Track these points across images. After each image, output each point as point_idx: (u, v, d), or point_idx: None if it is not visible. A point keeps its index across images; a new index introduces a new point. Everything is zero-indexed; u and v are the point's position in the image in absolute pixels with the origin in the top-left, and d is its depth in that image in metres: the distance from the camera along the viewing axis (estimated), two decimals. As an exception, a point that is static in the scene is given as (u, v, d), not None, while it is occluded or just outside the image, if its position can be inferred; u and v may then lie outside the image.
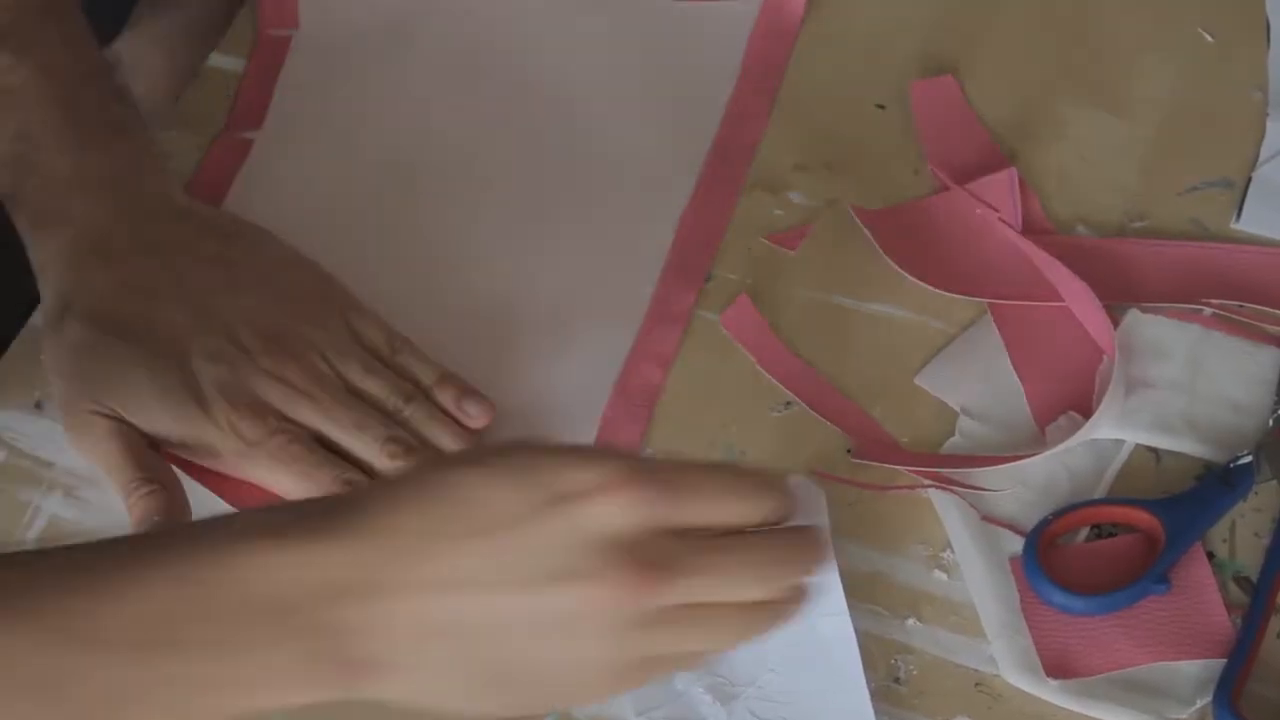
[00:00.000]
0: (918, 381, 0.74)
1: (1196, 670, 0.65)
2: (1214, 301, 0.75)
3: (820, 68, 0.85)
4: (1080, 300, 0.74)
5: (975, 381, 0.74)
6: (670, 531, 0.51)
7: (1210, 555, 0.68)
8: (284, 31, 0.85)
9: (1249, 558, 0.69)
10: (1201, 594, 0.67)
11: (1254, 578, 0.68)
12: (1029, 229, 0.77)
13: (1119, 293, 0.75)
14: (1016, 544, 0.68)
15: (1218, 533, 0.69)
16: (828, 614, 0.64)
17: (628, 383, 0.74)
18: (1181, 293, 0.75)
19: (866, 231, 0.77)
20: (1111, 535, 0.70)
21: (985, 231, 0.78)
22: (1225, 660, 0.65)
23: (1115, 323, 0.74)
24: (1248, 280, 0.76)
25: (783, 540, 0.55)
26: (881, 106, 0.84)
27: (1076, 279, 0.73)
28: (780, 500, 0.54)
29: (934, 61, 0.85)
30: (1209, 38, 0.86)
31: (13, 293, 0.82)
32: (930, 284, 0.76)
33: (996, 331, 0.75)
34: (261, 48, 0.85)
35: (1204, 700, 0.64)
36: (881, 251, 0.77)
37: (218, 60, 0.85)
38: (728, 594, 0.53)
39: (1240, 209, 0.79)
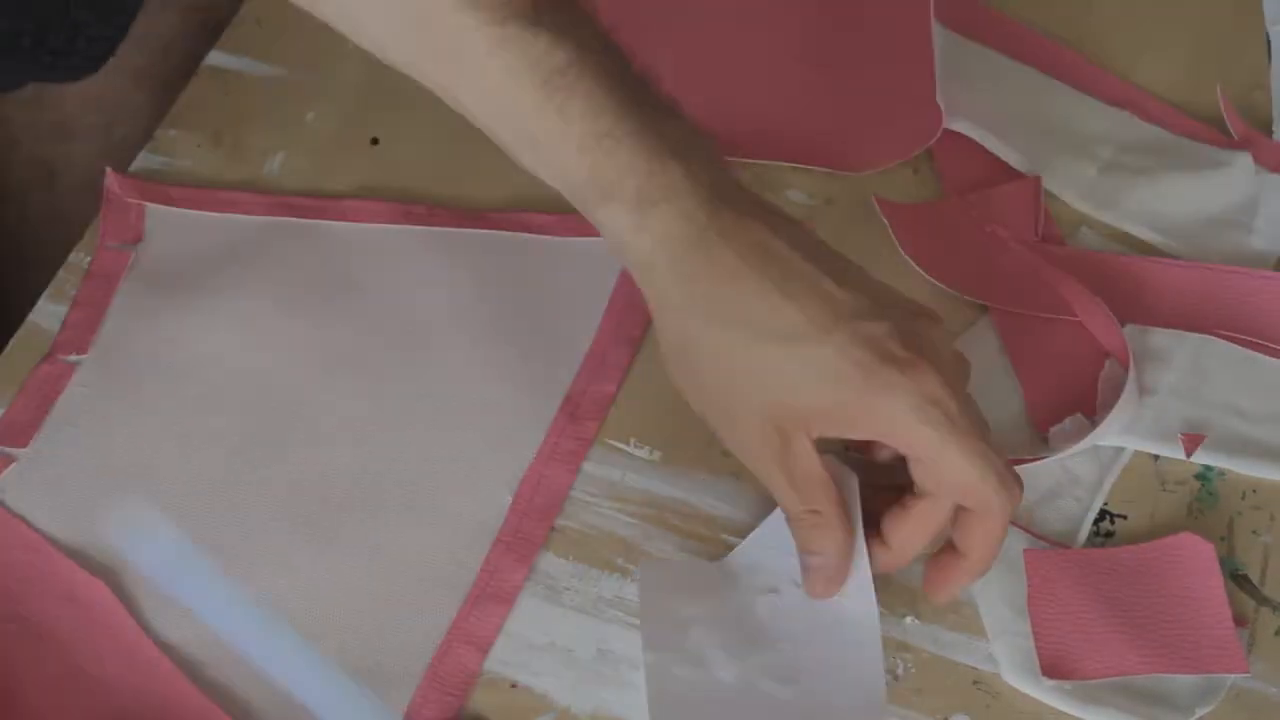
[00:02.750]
0: (917, 380, 0.74)
1: (1196, 680, 0.65)
2: (1223, 332, 0.74)
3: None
4: (1093, 314, 0.74)
5: (975, 381, 0.74)
6: None
7: (1220, 562, 0.68)
8: (125, 246, 0.79)
9: (1248, 555, 0.69)
10: (1210, 608, 0.66)
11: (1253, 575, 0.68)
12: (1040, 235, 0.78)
13: (1129, 313, 0.75)
14: (1022, 541, 0.68)
15: (1215, 530, 0.69)
16: (853, 592, 0.64)
17: (440, 667, 0.67)
18: (1193, 318, 0.75)
19: (886, 224, 0.77)
20: (1110, 535, 0.70)
21: (1001, 240, 0.78)
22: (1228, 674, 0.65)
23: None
24: (1262, 310, 0.75)
25: None
26: (881, 106, 0.84)
27: (1090, 294, 0.73)
28: None
29: (934, 61, 0.85)
30: (1209, 37, 0.86)
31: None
32: (944, 283, 0.76)
33: (996, 332, 0.75)
34: (100, 262, 0.79)
35: (1203, 710, 0.64)
36: (897, 245, 0.77)
37: (217, 59, 0.86)
38: None
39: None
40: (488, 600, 0.68)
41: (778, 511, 0.67)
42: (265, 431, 0.73)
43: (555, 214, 0.79)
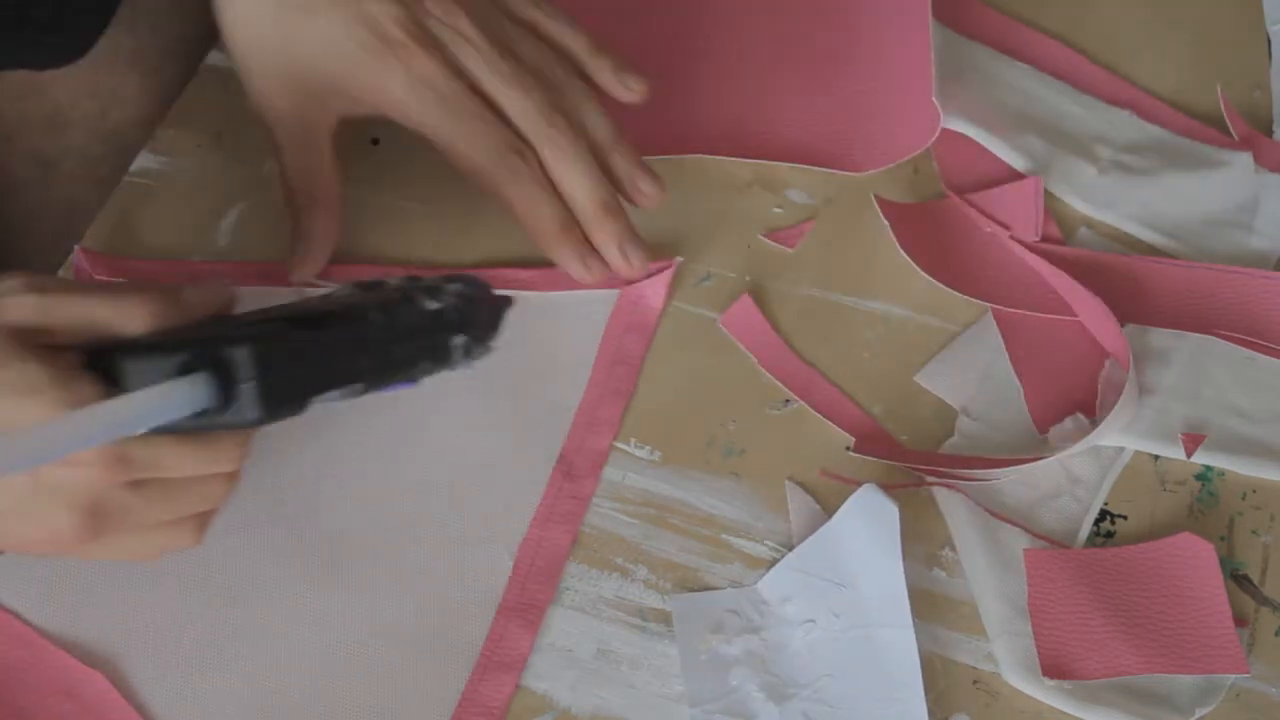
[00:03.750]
0: (918, 380, 0.74)
1: (1196, 680, 0.65)
2: (1223, 332, 0.74)
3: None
4: (1093, 314, 0.74)
5: (975, 381, 0.74)
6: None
7: (1221, 562, 0.68)
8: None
9: (1248, 555, 0.69)
10: (1210, 608, 0.66)
11: (1253, 575, 0.68)
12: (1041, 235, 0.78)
13: (1129, 313, 0.75)
14: (1022, 541, 0.68)
15: (1215, 530, 0.69)
16: (892, 625, 0.64)
17: None
18: (1193, 318, 0.75)
19: (886, 223, 0.77)
20: (1110, 535, 0.70)
21: (1001, 239, 0.78)
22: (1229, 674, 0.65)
23: (1116, 334, 0.74)
24: (1262, 310, 0.76)
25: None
26: (881, 106, 0.84)
27: (1090, 294, 0.73)
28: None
29: (934, 61, 0.85)
30: (1209, 37, 0.86)
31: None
32: (944, 283, 0.76)
33: (997, 331, 0.75)
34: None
35: (1203, 710, 0.64)
36: (897, 245, 0.77)
37: (217, 59, 0.85)
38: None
39: (1252, 226, 0.79)
40: (496, 669, 0.67)
41: (808, 541, 0.68)
42: (253, 493, 0.70)
43: (538, 268, 0.76)
